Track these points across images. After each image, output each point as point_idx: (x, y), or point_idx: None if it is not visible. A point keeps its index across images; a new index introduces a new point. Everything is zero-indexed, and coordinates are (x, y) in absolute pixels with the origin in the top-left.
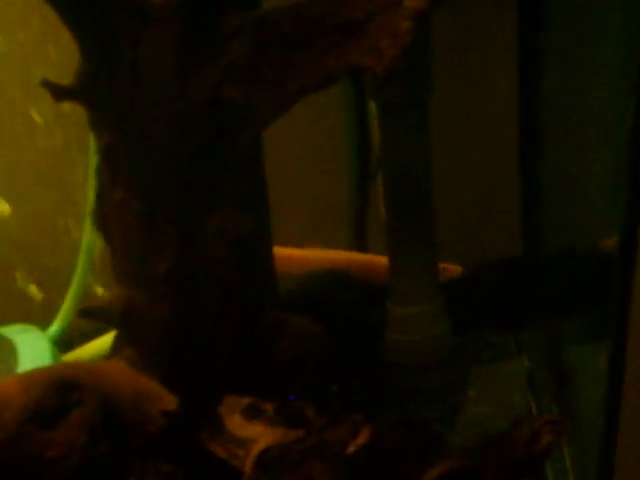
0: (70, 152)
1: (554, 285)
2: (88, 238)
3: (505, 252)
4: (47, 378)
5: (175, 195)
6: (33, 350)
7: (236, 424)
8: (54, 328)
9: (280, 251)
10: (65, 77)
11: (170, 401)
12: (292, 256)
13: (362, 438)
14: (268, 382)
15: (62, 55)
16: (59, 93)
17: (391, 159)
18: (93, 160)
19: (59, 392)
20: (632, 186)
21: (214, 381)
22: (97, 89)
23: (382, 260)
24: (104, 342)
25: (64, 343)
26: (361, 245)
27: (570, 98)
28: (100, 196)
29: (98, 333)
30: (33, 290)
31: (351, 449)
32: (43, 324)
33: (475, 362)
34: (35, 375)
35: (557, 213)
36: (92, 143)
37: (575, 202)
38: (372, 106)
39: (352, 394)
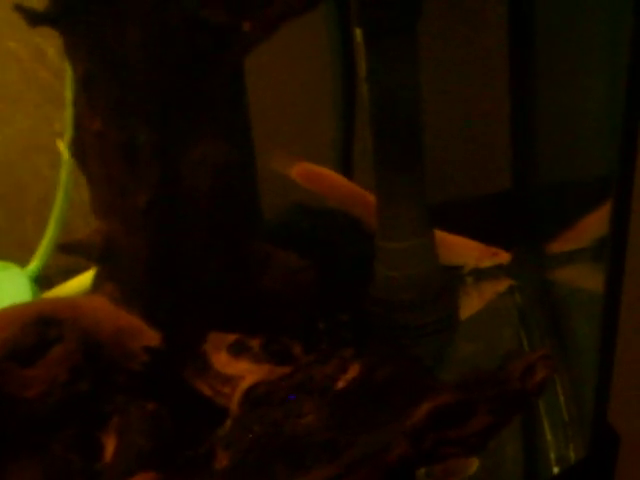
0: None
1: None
2: (67, 170)
3: (494, 186)
4: (25, 314)
5: (155, 125)
6: (12, 287)
7: (222, 361)
8: (33, 265)
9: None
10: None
11: (152, 337)
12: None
13: (352, 373)
14: (254, 318)
15: None
16: (34, 18)
17: (376, 88)
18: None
19: (38, 328)
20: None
21: (198, 317)
22: (73, 14)
23: None
24: (85, 279)
25: (44, 280)
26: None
27: (564, 25)
28: (78, 127)
29: (78, 270)
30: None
31: (340, 384)
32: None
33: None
34: (12, 311)
35: (549, 146)
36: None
37: (568, 135)
38: (357, 31)
39: (341, 330)
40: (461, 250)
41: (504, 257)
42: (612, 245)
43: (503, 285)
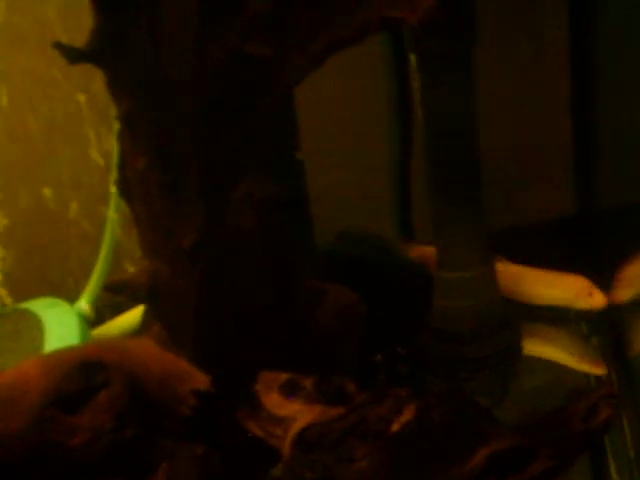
0: None
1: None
2: (115, 209)
3: (557, 210)
4: (70, 359)
5: (198, 163)
6: (61, 326)
7: (273, 402)
8: (82, 302)
9: None
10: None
11: (201, 380)
12: None
13: (407, 415)
14: (307, 356)
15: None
16: (73, 55)
17: (430, 115)
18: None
19: (83, 374)
20: None
21: (249, 357)
22: (114, 51)
23: None
24: (134, 316)
25: (93, 317)
26: (404, 209)
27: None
28: (122, 164)
29: (128, 306)
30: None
31: (395, 427)
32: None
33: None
34: (57, 356)
35: (613, 166)
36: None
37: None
38: (412, 57)
39: (398, 363)
40: (552, 288)
41: (600, 301)
42: None
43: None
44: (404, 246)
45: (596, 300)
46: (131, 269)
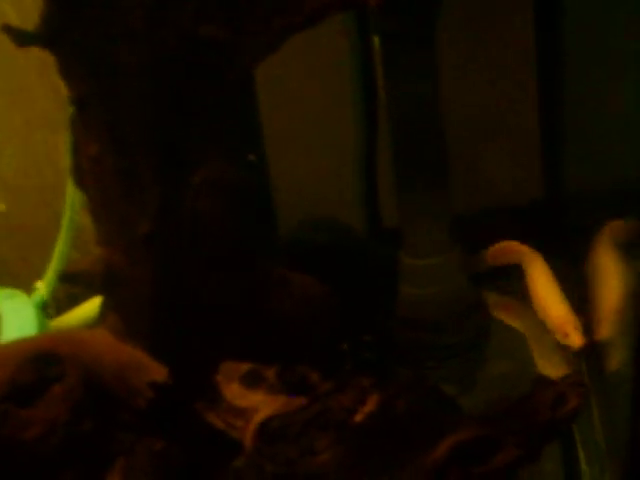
0: None
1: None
2: (71, 196)
3: (526, 194)
4: (24, 351)
5: (154, 148)
6: (18, 318)
7: (234, 393)
8: (40, 293)
9: None
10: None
11: (158, 371)
12: None
13: (370, 405)
14: (271, 347)
15: None
16: (23, 39)
17: (395, 99)
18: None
19: (37, 366)
20: None
21: (209, 348)
22: (65, 34)
23: None
24: (93, 306)
25: (52, 307)
26: (371, 196)
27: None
28: (75, 151)
29: (87, 297)
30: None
31: (358, 418)
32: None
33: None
34: (11, 348)
35: (578, 150)
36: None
37: (597, 138)
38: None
39: (365, 351)
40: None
41: (576, 342)
42: None
43: None
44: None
45: (572, 340)
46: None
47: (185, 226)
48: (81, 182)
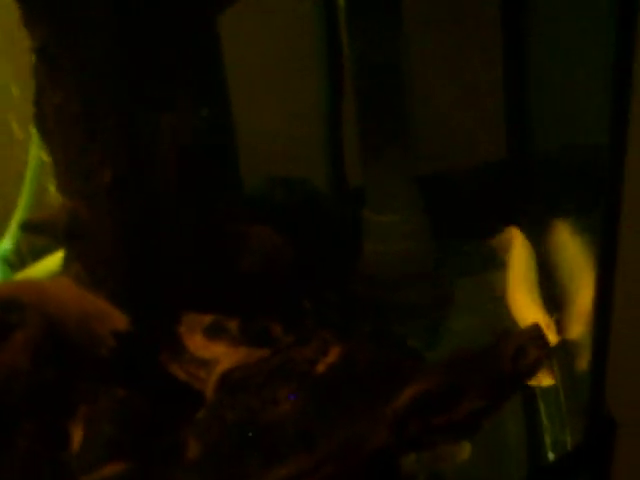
0: None
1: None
2: (36, 148)
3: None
4: None
5: (117, 95)
6: None
7: (197, 344)
8: (4, 245)
9: None
10: None
11: (120, 320)
12: None
13: (332, 357)
14: (231, 298)
15: None
16: None
17: (360, 58)
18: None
19: None
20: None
21: (171, 299)
22: None
23: None
24: (57, 259)
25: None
26: (336, 154)
27: None
28: (39, 99)
29: (52, 250)
30: None
31: (319, 368)
32: None
33: (461, 273)
34: None
35: (541, 112)
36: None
37: (560, 100)
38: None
39: (327, 309)
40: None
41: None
42: (604, 235)
43: None
44: None
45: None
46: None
47: (148, 175)
48: (45, 131)
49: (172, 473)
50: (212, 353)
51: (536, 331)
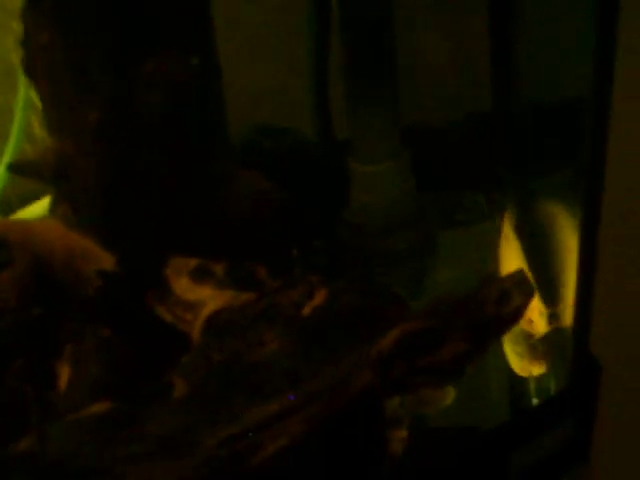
0: None
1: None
2: (25, 90)
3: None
4: None
5: (104, 37)
6: None
7: (183, 287)
8: None
9: None
10: None
11: (107, 260)
12: None
13: (318, 299)
14: (221, 242)
15: None
16: None
17: (346, 4)
18: None
19: None
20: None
21: (158, 240)
22: None
23: None
24: (44, 204)
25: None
26: (322, 103)
27: None
28: (26, 40)
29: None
30: None
31: (305, 311)
32: None
33: (445, 224)
34: None
35: (527, 67)
36: None
37: (545, 55)
38: None
39: (313, 257)
40: None
41: (540, 328)
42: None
43: None
44: None
45: (535, 328)
46: None
47: (136, 116)
48: (31, 72)
49: (158, 412)
50: (198, 296)
51: (520, 276)
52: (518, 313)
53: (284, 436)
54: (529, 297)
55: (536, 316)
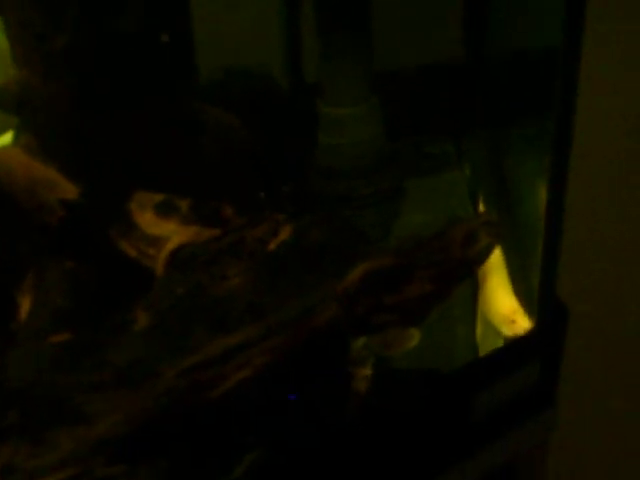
0: None
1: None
2: None
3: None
4: None
5: None
6: None
7: (148, 221)
8: None
9: None
10: None
11: (69, 190)
12: None
13: (283, 235)
14: (185, 178)
15: None
16: None
17: None
18: None
19: None
20: None
21: (122, 175)
22: None
23: None
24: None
25: None
26: (293, 46)
27: None
28: None
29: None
30: None
31: (271, 247)
32: None
33: (414, 171)
34: None
35: (499, 17)
36: None
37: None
38: None
39: (282, 200)
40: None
41: (522, 328)
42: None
43: None
44: None
45: (518, 328)
46: None
47: (102, 43)
48: None
49: (120, 343)
50: (162, 230)
51: (487, 217)
52: (484, 254)
53: (247, 367)
54: (495, 238)
55: (518, 317)
